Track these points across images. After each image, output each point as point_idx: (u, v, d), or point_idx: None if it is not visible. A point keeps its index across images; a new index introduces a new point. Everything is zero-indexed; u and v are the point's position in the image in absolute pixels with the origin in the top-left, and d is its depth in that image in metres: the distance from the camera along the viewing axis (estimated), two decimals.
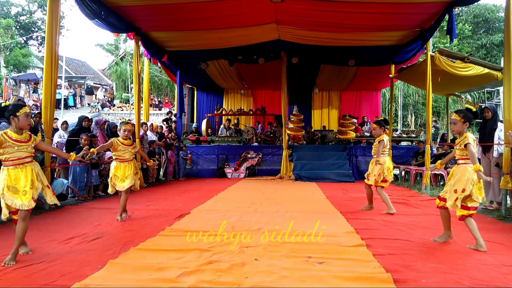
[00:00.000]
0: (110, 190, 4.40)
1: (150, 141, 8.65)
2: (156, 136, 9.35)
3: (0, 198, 2.89)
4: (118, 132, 4.58)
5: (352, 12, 7.33)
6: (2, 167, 2.94)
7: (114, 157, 4.37)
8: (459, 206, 3.20)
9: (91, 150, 3.95)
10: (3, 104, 3.02)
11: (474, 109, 3.36)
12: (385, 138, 4.91)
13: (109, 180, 4.37)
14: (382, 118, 5.41)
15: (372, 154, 5.10)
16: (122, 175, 4.29)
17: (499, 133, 5.43)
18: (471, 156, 3.20)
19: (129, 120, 4.59)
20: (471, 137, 3.24)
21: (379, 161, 4.80)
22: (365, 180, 5.12)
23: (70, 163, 6.09)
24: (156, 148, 8.87)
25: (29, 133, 3.11)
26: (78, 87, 22.90)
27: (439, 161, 3.82)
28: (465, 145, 3.22)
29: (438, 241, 3.41)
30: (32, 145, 3.06)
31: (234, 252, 2.99)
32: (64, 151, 6.22)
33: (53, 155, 5.38)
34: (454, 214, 3.35)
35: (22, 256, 2.92)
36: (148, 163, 5.03)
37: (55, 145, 6.79)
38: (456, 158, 3.40)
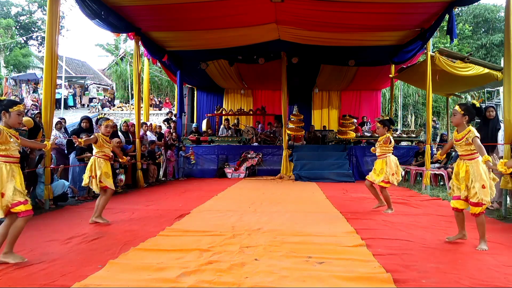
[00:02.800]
0: (95, 189, 4.13)
1: (150, 141, 8.65)
2: (155, 136, 9.36)
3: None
4: (98, 128, 4.35)
5: (352, 12, 7.33)
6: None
7: (98, 154, 4.15)
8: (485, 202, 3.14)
9: (79, 140, 3.84)
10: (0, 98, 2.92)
11: (478, 105, 3.32)
12: (390, 136, 4.91)
13: (93, 179, 4.07)
14: (387, 118, 5.39)
15: (378, 154, 4.96)
16: (109, 172, 4.19)
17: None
18: (479, 149, 3.14)
19: (105, 114, 4.32)
20: (475, 131, 3.19)
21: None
22: (384, 184, 4.85)
23: (71, 165, 6.09)
24: (156, 148, 8.88)
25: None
26: (78, 87, 22.88)
27: (438, 152, 3.80)
28: (472, 140, 3.16)
29: (452, 240, 3.43)
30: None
31: (234, 252, 2.99)
32: (65, 152, 6.24)
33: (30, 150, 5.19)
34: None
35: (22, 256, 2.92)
36: (120, 160, 4.74)
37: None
38: (459, 154, 3.34)
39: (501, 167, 3.04)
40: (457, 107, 3.31)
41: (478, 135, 3.19)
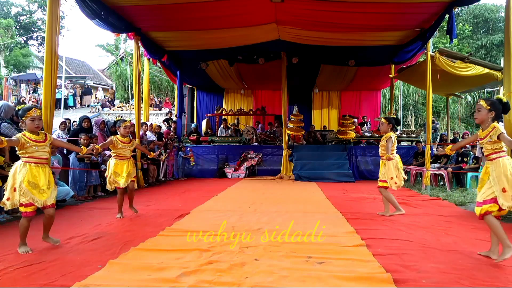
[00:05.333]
0: (109, 188, 4.48)
1: (149, 141, 8.65)
2: (155, 136, 9.35)
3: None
4: (117, 130, 4.65)
5: (352, 12, 7.33)
6: (22, 162, 3.07)
7: (113, 155, 4.47)
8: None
9: (96, 147, 3.99)
10: (17, 107, 3.27)
11: (504, 100, 3.00)
12: (393, 135, 4.73)
13: (107, 178, 4.44)
14: (394, 116, 5.17)
15: (380, 154, 4.82)
16: (122, 172, 4.41)
17: None
18: (510, 144, 2.79)
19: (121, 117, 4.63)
20: (501, 127, 2.88)
21: (390, 157, 4.63)
22: (381, 183, 4.71)
23: (71, 165, 6.09)
24: (156, 147, 8.87)
25: (45, 133, 3.26)
26: (78, 87, 22.87)
27: (449, 146, 3.48)
28: (498, 137, 2.82)
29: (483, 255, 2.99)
30: (49, 144, 3.22)
31: (234, 252, 2.99)
32: (65, 151, 6.24)
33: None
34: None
35: (22, 256, 2.92)
36: (149, 156, 5.09)
37: None
38: (485, 154, 2.99)
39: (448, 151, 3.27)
40: (482, 102, 2.96)
41: (504, 130, 2.87)
